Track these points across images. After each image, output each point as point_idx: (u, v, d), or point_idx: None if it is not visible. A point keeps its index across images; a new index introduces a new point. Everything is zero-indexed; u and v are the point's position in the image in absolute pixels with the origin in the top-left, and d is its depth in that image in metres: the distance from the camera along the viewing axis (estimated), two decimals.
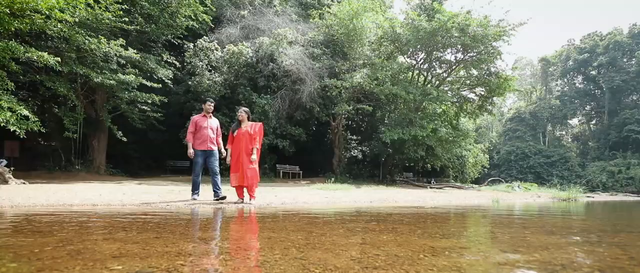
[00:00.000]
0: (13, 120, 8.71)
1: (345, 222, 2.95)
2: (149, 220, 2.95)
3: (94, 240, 1.96)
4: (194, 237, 2.02)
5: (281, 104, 15.15)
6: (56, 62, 9.63)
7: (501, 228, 2.94)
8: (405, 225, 2.85)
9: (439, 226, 2.97)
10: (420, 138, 15.70)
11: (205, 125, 5.61)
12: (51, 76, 11.22)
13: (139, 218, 3.14)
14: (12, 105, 8.87)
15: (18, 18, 9.20)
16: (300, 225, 2.56)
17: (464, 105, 18.98)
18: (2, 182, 9.05)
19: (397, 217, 3.54)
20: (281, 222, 2.84)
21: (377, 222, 2.89)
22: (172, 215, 3.38)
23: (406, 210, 5.01)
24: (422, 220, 3.37)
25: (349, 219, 3.37)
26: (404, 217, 3.69)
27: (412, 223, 3.10)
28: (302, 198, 6.73)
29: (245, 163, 5.33)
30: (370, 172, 20.44)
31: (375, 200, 7.26)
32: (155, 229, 2.31)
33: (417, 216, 3.97)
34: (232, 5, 17.28)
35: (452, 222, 3.65)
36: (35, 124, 9.29)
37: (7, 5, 8.63)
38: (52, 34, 10.17)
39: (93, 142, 13.89)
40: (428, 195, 9.61)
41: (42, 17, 9.51)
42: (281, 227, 2.47)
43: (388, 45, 16.97)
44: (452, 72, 18.07)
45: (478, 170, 31.42)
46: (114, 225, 2.70)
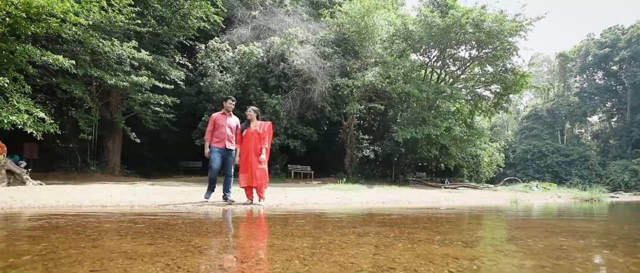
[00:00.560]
0: (30, 123, 8.79)
1: (356, 226, 2.73)
2: (150, 224, 2.81)
3: (79, 247, 1.81)
4: (189, 244, 1.84)
5: (292, 103, 15.01)
6: (71, 65, 9.73)
7: (529, 233, 2.60)
8: (422, 230, 2.59)
9: (459, 231, 2.69)
10: (433, 137, 15.31)
11: (224, 123, 5.41)
12: (67, 79, 11.36)
13: (140, 221, 3.00)
14: (28, 108, 8.98)
15: (35, 22, 9.31)
16: (308, 230, 2.36)
17: (478, 103, 18.45)
18: (20, 183, 9.19)
19: (412, 220, 3.28)
20: (288, 225, 2.64)
21: (390, 227, 2.65)
22: (176, 218, 3.24)
23: (421, 212, 4.76)
24: (440, 224, 3.08)
25: (361, 222, 3.16)
26: (419, 220, 3.44)
27: (429, 227, 2.83)
28: (313, 199, 6.54)
29: (254, 163, 5.18)
30: (383, 172, 20.11)
31: (388, 201, 7.01)
32: (152, 234, 2.15)
33: (433, 219, 3.71)
34: (243, 6, 17.25)
35: (472, 225, 3.36)
36: (51, 126, 9.37)
37: (23, 9, 8.72)
38: (67, 37, 10.28)
39: (108, 144, 14.05)
40: (442, 196, 9.29)
41: (57, 20, 9.60)
42: (287, 232, 2.28)
43: (400, 42, 16.62)
44: (466, 70, 17.58)
45: (493, 169, 30.61)
46: (110, 229, 2.56)
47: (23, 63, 9.26)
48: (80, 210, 4.34)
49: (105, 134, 13.91)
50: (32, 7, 8.64)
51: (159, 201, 5.59)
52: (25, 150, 13.32)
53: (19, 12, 8.54)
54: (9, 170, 9.13)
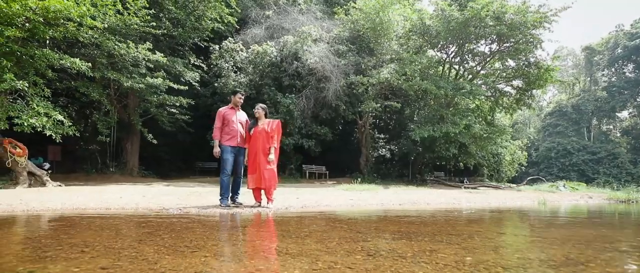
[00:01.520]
0: (49, 125, 8.86)
1: (366, 238, 2.33)
2: (135, 230, 2.56)
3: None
4: (152, 267, 1.52)
5: (306, 103, 14.74)
6: (88, 68, 9.78)
7: (585, 252, 2.02)
8: (446, 245, 2.19)
9: (493, 247, 2.18)
10: (452, 136, 14.68)
11: (235, 118, 5.03)
12: (85, 82, 11.49)
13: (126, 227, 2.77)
14: (48, 111, 9.05)
15: (53, 27, 9.39)
16: (307, 245, 1.96)
17: (499, 100, 17.62)
18: (40, 184, 9.31)
19: (432, 229, 2.75)
20: (287, 237, 2.29)
21: (407, 239, 2.26)
22: (170, 224, 3.00)
23: (441, 216, 4.35)
24: (467, 235, 2.54)
25: (373, 231, 2.80)
26: (441, 228, 3.01)
27: (454, 240, 2.38)
28: (325, 201, 6.23)
29: (263, 163, 4.91)
30: (399, 171, 19.54)
31: (405, 202, 6.61)
32: (120, 250, 1.86)
33: (457, 225, 3.30)
34: (257, 6, 17.13)
35: (506, 236, 2.83)
36: (70, 129, 9.43)
37: (41, 14, 8.79)
38: (84, 40, 10.36)
39: (126, 145, 14.19)
40: (463, 196, 8.78)
41: (74, 24, 9.66)
42: (282, 248, 1.92)
43: (417, 38, 16.05)
44: (486, 65, 16.80)
45: (515, 168, 29.37)
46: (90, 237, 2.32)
47: (43, 67, 9.35)
48: (81, 212, 4.19)
49: (123, 135, 14.06)
50: (50, 11, 8.69)
51: (167, 203, 5.42)
52: (49, 153, 13.62)
53: (37, 17, 8.62)
54: (30, 172, 9.26)
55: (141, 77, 11.88)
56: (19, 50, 8.57)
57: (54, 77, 10.27)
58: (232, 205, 5.07)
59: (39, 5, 8.36)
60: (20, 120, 8.22)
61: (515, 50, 14.77)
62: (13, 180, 9.00)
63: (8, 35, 7.86)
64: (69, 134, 9.34)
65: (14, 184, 8.81)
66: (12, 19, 8.28)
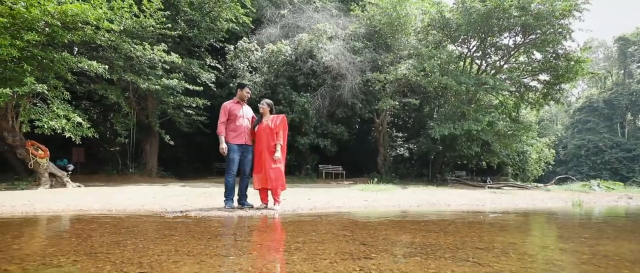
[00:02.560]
0: (69, 127, 8.90)
1: (371, 250, 1.84)
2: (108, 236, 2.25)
3: None
4: None
5: (321, 101, 14.35)
6: (105, 70, 9.80)
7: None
8: (473, 266, 1.68)
9: (532, 260, 1.73)
10: (474, 133, 13.86)
11: (241, 113, 4.63)
12: (103, 85, 11.57)
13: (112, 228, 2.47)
14: (67, 113, 9.11)
15: (71, 31, 9.46)
16: (292, 265, 1.52)
17: (524, 95, 16.56)
18: (61, 185, 9.39)
19: (454, 238, 2.35)
20: (274, 250, 1.85)
21: (423, 254, 1.84)
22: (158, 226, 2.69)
23: (464, 219, 3.85)
24: (496, 245, 2.16)
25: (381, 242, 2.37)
26: (464, 235, 2.55)
27: (484, 257, 1.84)
28: (338, 202, 5.82)
29: (268, 162, 4.56)
30: (418, 171, 18.77)
31: (424, 203, 6.10)
32: (103, 255, 1.54)
33: (482, 232, 2.81)
34: (272, 6, 16.91)
35: (547, 248, 2.24)
36: (89, 131, 9.46)
37: (59, 18, 8.84)
38: (102, 43, 10.41)
39: (145, 147, 14.29)
40: (487, 197, 8.12)
41: (92, 28, 9.70)
42: (257, 268, 1.51)
43: (436, 33, 15.30)
44: (510, 58, 15.81)
45: (541, 167, 27.80)
46: (41, 241, 2.02)
47: (62, 70, 9.43)
48: (79, 214, 3.99)
49: (142, 137, 14.16)
50: (68, 15, 8.72)
51: (174, 205, 5.19)
52: (73, 154, 13.90)
53: (55, 21, 8.67)
54: (51, 173, 9.36)
55: (157, 79, 11.87)
56: (39, 54, 8.62)
57: (74, 81, 10.37)
58: (238, 207, 4.74)
59: (57, 10, 8.39)
60: (41, 122, 8.27)
61: (542, 42, 13.78)
62: (36, 181, 9.13)
63: (28, 40, 7.91)
64: (88, 135, 9.36)
65: (37, 185, 8.92)
66: (31, 23, 8.34)
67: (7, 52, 7.71)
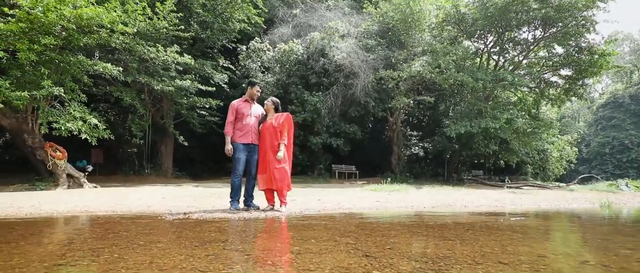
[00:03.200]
0: (85, 129, 8.96)
1: (374, 264, 1.62)
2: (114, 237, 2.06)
3: None
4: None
5: (334, 100, 14.06)
6: (119, 72, 9.84)
7: None
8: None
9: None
10: (492, 131, 13.26)
11: (249, 112, 4.43)
12: (119, 87, 11.66)
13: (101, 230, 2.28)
14: (83, 115, 9.18)
15: (87, 34, 9.54)
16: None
17: (545, 91, 15.77)
18: (78, 186, 9.49)
19: (473, 247, 2.06)
20: (260, 264, 1.58)
21: (437, 270, 1.54)
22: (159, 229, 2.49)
23: (483, 223, 3.50)
24: (523, 258, 1.83)
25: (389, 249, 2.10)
26: (484, 242, 2.22)
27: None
28: (348, 203, 5.54)
29: (272, 162, 4.33)
30: (434, 170, 18.18)
31: (439, 204, 5.74)
32: (66, 268, 1.33)
33: (504, 238, 2.48)
34: (284, 5, 16.74)
35: (588, 264, 1.81)
36: (105, 132, 9.51)
37: (75, 22, 8.92)
38: (116, 46, 10.47)
39: (161, 148, 14.38)
40: (506, 197, 7.66)
41: (107, 31, 9.76)
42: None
43: (451, 28, 14.74)
44: (529, 53, 15.06)
45: (563, 166, 26.56)
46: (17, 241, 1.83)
47: (79, 73, 9.52)
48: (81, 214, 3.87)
49: (158, 138, 14.25)
50: (83, 19, 8.78)
51: (181, 205, 5.06)
52: (92, 156, 14.14)
53: (71, 25, 8.74)
54: (69, 174, 9.46)
55: (171, 80, 11.89)
56: (57, 58, 8.70)
57: (90, 83, 10.47)
58: (243, 208, 4.54)
59: (73, 14, 8.44)
60: (58, 124, 8.34)
61: (564, 35, 13.03)
62: (55, 182, 9.24)
63: (45, 44, 7.97)
64: (105, 137, 9.40)
65: (55, 186, 9.03)
66: (48, 28, 8.41)
67: (25, 56, 7.79)
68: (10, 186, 9.20)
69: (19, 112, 8.93)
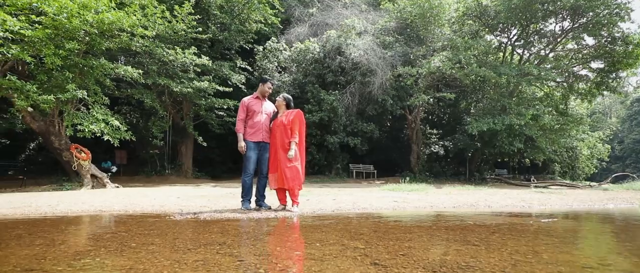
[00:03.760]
0: (107, 130, 9.12)
1: (394, 269, 1.39)
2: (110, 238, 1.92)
3: None
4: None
5: (351, 99, 13.76)
6: (139, 75, 9.98)
7: None
8: None
9: None
10: (516, 128, 12.56)
11: (260, 109, 4.28)
12: (140, 89, 11.87)
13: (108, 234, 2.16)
14: (106, 117, 9.36)
15: (108, 38, 9.73)
16: None
17: (574, 85, 14.82)
18: (101, 186, 9.68)
19: (500, 255, 1.73)
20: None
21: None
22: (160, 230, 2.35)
23: (510, 222, 3.16)
24: (564, 269, 1.50)
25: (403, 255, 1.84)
26: (514, 248, 1.91)
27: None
28: (365, 203, 5.28)
29: (283, 161, 4.14)
30: (455, 169, 17.49)
31: (461, 204, 5.37)
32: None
33: (539, 245, 2.15)
34: (300, 5, 16.59)
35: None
36: (126, 134, 9.66)
37: (97, 27, 9.11)
38: (136, 49, 10.63)
39: (181, 149, 14.56)
40: (534, 197, 7.14)
41: (127, 35, 9.92)
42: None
43: (472, 23, 14.11)
44: (557, 46, 14.19)
45: (594, 164, 25.00)
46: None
47: (101, 76, 9.73)
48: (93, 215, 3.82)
49: (178, 139, 14.43)
50: (105, 23, 8.94)
51: (193, 205, 4.96)
52: (116, 157, 14.51)
53: (93, 30, 8.92)
54: (93, 175, 9.67)
55: (189, 82, 11.98)
56: (80, 62, 8.89)
57: (112, 86, 10.68)
58: (255, 208, 4.37)
59: (95, 19, 8.61)
60: (82, 126, 8.52)
61: (595, 25, 12.16)
62: (80, 183, 9.47)
63: (70, 48, 8.15)
64: (126, 138, 9.54)
65: (80, 186, 9.25)
66: (72, 33, 8.59)
67: (51, 61, 7.98)
68: (40, 187, 9.51)
69: (47, 116, 9.21)
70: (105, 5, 8.68)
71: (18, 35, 7.76)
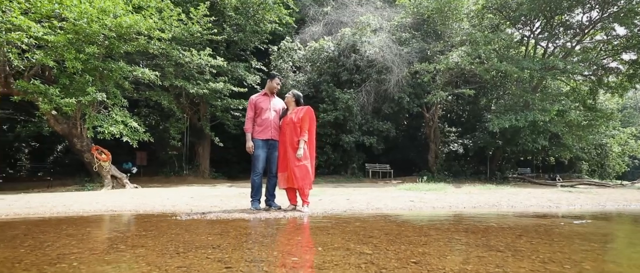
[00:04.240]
0: (126, 132, 9.24)
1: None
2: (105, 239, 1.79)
3: None
4: None
5: (366, 97, 13.44)
6: (156, 77, 10.08)
7: None
8: None
9: None
10: (540, 125, 11.90)
11: (268, 106, 4.13)
12: (158, 91, 12.01)
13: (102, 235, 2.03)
14: (124, 119, 9.50)
15: (126, 42, 9.88)
16: None
17: (603, 78, 13.91)
18: (121, 186, 9.83)
19: (531, 265, 1.44)
20: None
21: None
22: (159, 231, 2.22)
23: (537, 224, 2.84)
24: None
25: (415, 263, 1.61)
26: (546, 254, 1.57)
27: None
28: (379, 203, 5.03)
29: (292, 160, 3.95)
30: (475, 168, 16.80)
31: (482, 204, 5.03)
32: None
33: (568, 243, 1.86)
34: (315, 4, 16.41)
35: None
36: (145, 135, 9.76)
37: (115, 31, 9.25)
38: (154, 52, 10.75)
39: (198, 149, 14.68)
40: (562, 197, 6.65)
41: (145, 38, 10.03)
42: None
43: (492, 16, 13.48)
44: (584, 37, 13.35)
45: (625, 162, 23.51)
46: None
47: (120, 79, 9.89)
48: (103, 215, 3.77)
49: (195, 140, 14.56)
50: (123, 27, 9.07)
51: (205, 205, 4.87)
52: (136, 158, 14.81)
53: (112, 34, 9.07)
54: (113, 175, 9.84)
55: (205, 83, 12.02)
56: (100, 65, 9.04)
57: (131, 89, 10.84)
58: (264, 208, 4.21)
59: (113, 23, 8.74)
60: (102, 128, 8.66)
61: (627, 14, 11.34)
62: (101, 183, 9.65)
63: (90, 52, 8.30)
64: (144, 139, 9.64)
65: (101, 186, 9.42)
66: (92, 37, 8.75)
67: (72, 65, 8.14)
68: (65, 187, 9.76)
69: (69, 118, 9.42)
70: (123, 9, 8.79)
71: (42, 41, 7.97)
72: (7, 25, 7.59)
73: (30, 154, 17.97)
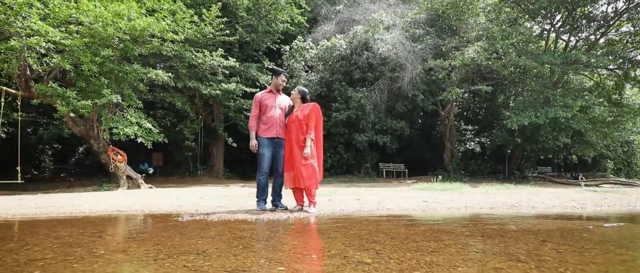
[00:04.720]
0: (140, 133, 9.31)
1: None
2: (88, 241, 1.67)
3: None
4: None
5: (379, 95, 13.12)
6: (169, 78, 10.14)
7: None
8: None
9: None
10: (562, 121, 11.27)
11: (274, 103, 3.99)
12: (172, 93, 12.10)
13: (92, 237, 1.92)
14: (139, 120, 9.58)
15: (140, 44, 9.96)
16: None
17: (629, 72, 13.09)
18: (136, 186, 9.92)
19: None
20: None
21: None
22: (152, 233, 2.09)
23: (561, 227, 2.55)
24: None
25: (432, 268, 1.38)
26: (577, 266, 1.37)
27: None
28: (391, 203, 4.80)
29: (298, 159, 3.78)
30: (492, 167, 16.16)
31: (500, 205, 4.71)
32: None
33: (603, 251, 1.59)
34: (327, 3, 16.21)
35: None
36: (159, 136, 9.82)
37: (129, 33, 9.34)
38: (167, 54, 10.81)
39: (212, 150, 14.75)
40: (586, 197, 6.21)
41: (158, 40, 10.10)
42: None
43: (510, 10, 12.89)
44: (609, 29, 12.60)
45: None
46: None
47: (135, 81, 9.99)
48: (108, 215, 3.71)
49: (209, 141, 14.63)
50: (137, 30, 9.15)
51: (213, 205, 4.79)
52: (153, 159, 15.01)
53: (126, 36, 9.16)
54: (128, 176, 9.94)
55: (218, 84, 12.03)
56: (115, 68, 9.16)
57: (145, 90, 10.95)
58: (270, 208, 4.06)
59: (127, 26, 8.82)
60: (118, 129, 8.76)
61: None
62: (117, 184, 9.77)
63: (105, 55, 8.41)
64: (159, 140, 9.69)
65: (117, 187, 9.53)
66: (107, 40, 8.86)
67: (88, 68, 8.27)
68: (84, 188, 9.95)
69: (87, 120, 9.59)
70: (136, 12, 8.86)
71: (59, 45, 8.12)
72: (26, 30, 7.77)
73: (53, 156, 18.56)
